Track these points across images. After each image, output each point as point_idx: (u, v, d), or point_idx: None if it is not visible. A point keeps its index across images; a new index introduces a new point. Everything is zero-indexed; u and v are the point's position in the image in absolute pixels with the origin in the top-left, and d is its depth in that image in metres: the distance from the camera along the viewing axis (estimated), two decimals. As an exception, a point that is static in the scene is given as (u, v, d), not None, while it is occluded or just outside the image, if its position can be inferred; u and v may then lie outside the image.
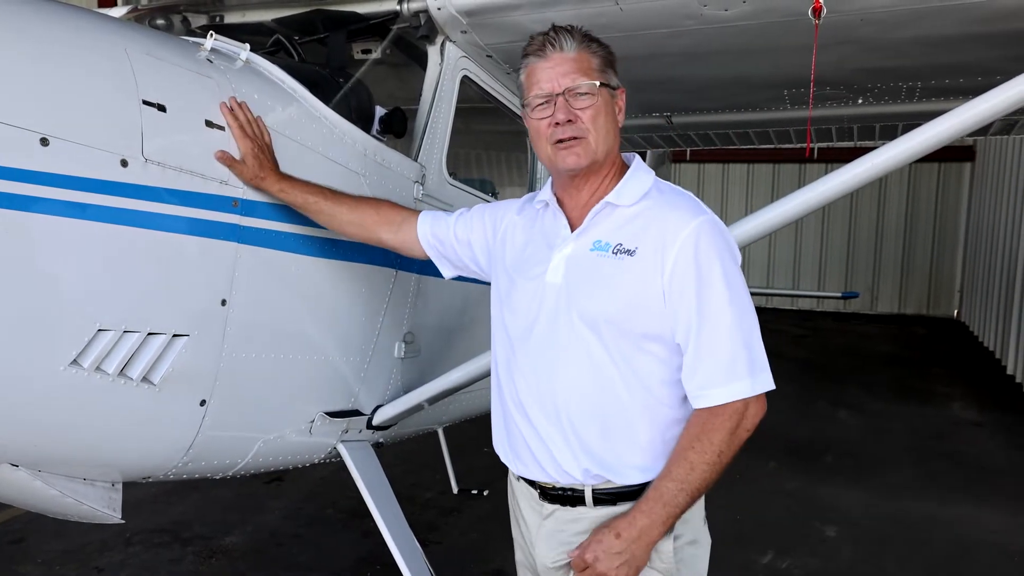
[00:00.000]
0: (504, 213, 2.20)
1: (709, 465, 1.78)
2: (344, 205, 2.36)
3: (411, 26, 2.99)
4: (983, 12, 2.55)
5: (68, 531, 4.70)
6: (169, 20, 3.30)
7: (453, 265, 2.34)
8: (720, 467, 1.79)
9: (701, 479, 1.78)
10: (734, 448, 1.81)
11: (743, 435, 1.81)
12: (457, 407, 3.55)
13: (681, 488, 1.78)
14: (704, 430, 1.80)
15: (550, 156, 1.93)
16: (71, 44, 1.86)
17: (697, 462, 1.78)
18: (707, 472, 1.78)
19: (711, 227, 1.84)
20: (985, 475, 6.53)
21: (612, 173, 1.96)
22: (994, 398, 9.23)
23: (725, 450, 1.79)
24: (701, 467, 1.78)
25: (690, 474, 1.78)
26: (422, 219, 2.35)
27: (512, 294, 2.02)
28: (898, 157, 2.30)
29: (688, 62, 3.05)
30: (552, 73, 1.89)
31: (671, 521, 1.80)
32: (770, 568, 4.69)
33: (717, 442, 1.78)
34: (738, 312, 1.80)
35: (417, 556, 2.75)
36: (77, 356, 1.87)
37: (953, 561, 4.88)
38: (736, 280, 1.83)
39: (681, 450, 1.81)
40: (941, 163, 15.62)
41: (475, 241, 2.24)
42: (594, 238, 1.91)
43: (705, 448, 1.78)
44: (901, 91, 3.60)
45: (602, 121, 1.89)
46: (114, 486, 2.25)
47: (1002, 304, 11.33)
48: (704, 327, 1.79)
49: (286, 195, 2.29)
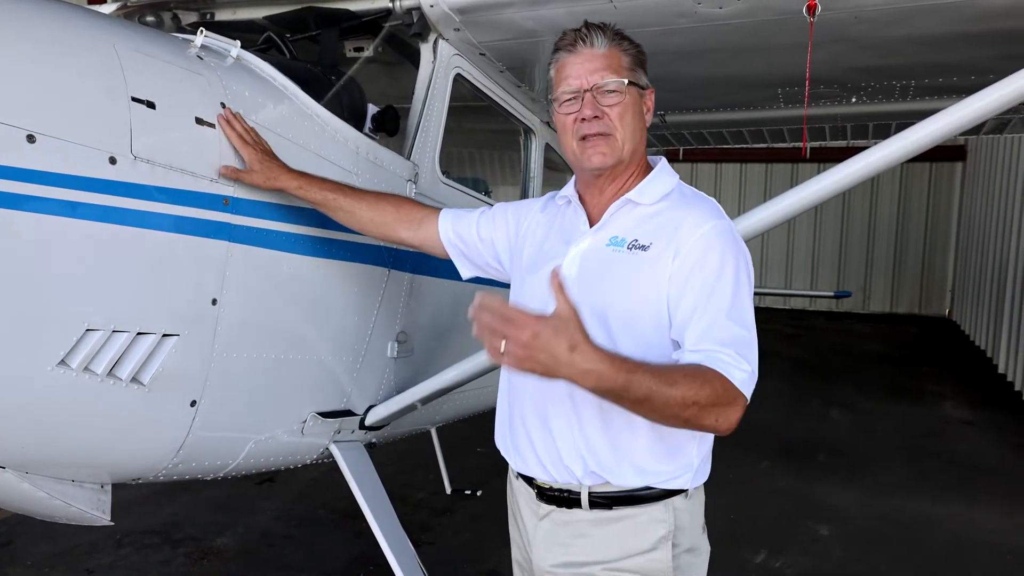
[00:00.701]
0: (528, 211, 2.18)
1: (675, 399, 1.56)
2: (364, 202, 2.34)
3: (404, 24, 2.97)
4: (976, 11, 2.55)
5: (56, 533, 4.66)
6: (159, 17, 3.28)
7: (474, 265, 2.31)
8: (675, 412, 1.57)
9: (657, 394, 1.54)
10: (697, 420, 1.60)
11: (720, 423, 1.63)
12: (450, 407, 3.53)
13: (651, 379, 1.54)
14: (710, 377, 1.61)
15: (575, 152, 1.92)
16: (59, 40, 1.84)
17: (679, 380, 1.57)
18: (665, 399, 1.55)
19: (727, 231, 1.83)
20: (977, 474, 6.55)
21: (637, 173, 1.95)
22: (985, 397, 9.27)
23: (694, 414, 1.58)
24: (672, 393, 1.55)
25: (666, 380, 1.55)
26: (443, 217, 2.32)
27: (527, 288, 2.01)
28: (891, 156, 2.30)
29: (682, 60, 3.05)
30: (581, 69, 1.88)
31: (590, 378, 1.50)
32: (763, 567, 4.70)
33: (708, 393, 1.58)
34: (736, 314, 1.74)
35: (410, 556, 2.74)
36: (65, 356, 1.85)
37: (946, 560, 4.89)
38: (744, 285, 1.78)
39: (677, 367, 1.66)
40: (933, 163, 15.69)
41: (499, 240, 2.22)
42: (611, 233, 1.90)
43: (694, 384, 1.58)
44: (895, 90, 3.61)
45: (629, 119, 1.88)
46: (103, 488, 2.23)
47: (993, 303, 11.39)
48: (709, 311, 1.71)
49: (304, 192, 2.28)
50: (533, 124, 4.02)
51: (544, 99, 3.84)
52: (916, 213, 16.22)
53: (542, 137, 4.11)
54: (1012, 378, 9.78)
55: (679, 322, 1.76)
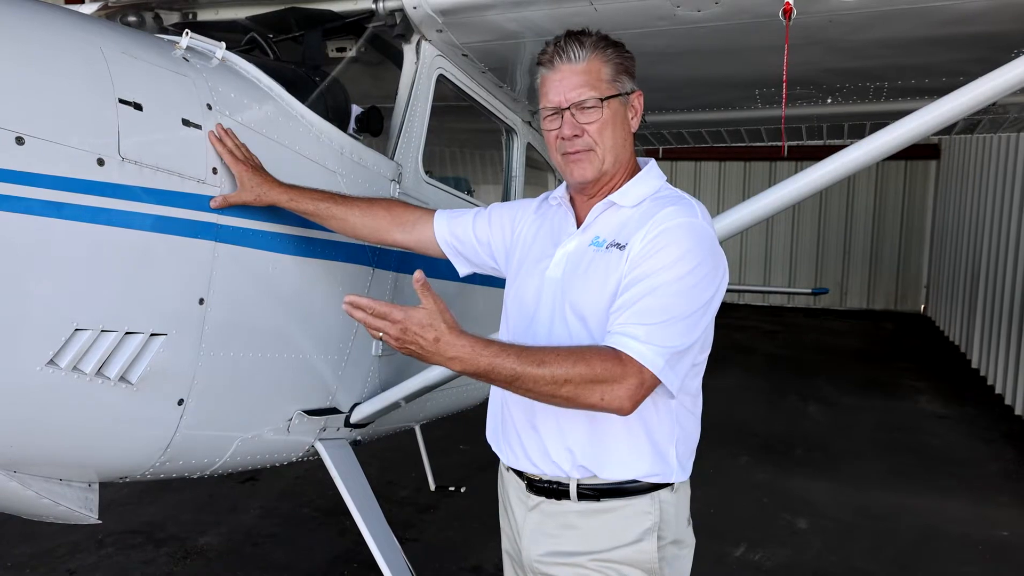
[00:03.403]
0: (523, 212, 2.23)
1: (544, 378, 1.65)
2: (356, 208, 2.38)
3: (387, 25, 2.99)
4: (945, 15, 2.61)
5: (37, 534, 4.65)
6: (141, 17, 3.27)
7: (471, 263, 2.36)
8: (549, 390, 1.66)
9: (524, 374, 1.65)
10: (581, 398, 1.67)
11: (608, 400, 1.68)
12: (434, 405, 3.56)
13: (503, 353, 1.66)
14: (589, 355, 1.68)
15: (560, 165, 1.99)
16: (47, 43, 1.85)
17: (548, 360, 1.66)
18: (533, 378, 1.65)
19: (696, 230, 1.83)
20: (949, 467, 6.67)
21: (623, 177, 1.99)
22: (958, 392, 9.43)
23: (572, 392, 1.66)
24: (537, 369, 1.65)
25: (524, 360, 1.65)
26: (438, 218, 2.36)
27: (517, 288, 2.07)
28: (866, 156, 2.36)
29: (661, 62, 3.09)
30: (559, 87, 1.91)
31: (456, 364, 1.66)
32: (742, 560, 4.77)
33: (580, 373, 1.65)
34: (680, 299, 1.75)
35: (396, 553, 2.76)
36: (54, 356, 1.86)
37: (919, 551, 4.99)
38: (698, 284, 1.77)
39: (548, 348, 1.71)
40: (908, 161, 15.89)
41: (495, 241, 2.26)
42: (595, 234, 1.95)
43: (565, 363, 1.65)
44: (869, 91, 3.67)
45: (609, 133, 1.92)
46: (91, 486, 2.25)
47: (966, 299, 11.56)
48: (644, 293, 1.75)
49: (296, 204, 2.31)
50: (515, 124, 4.05)
51: (526, 99, 3.88)
52: (892, 211, 16.42)
53: (524, 136, 4.14)
54: (984, 373, 9.95)
55: (621, 291, 1.79)
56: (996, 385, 9.17)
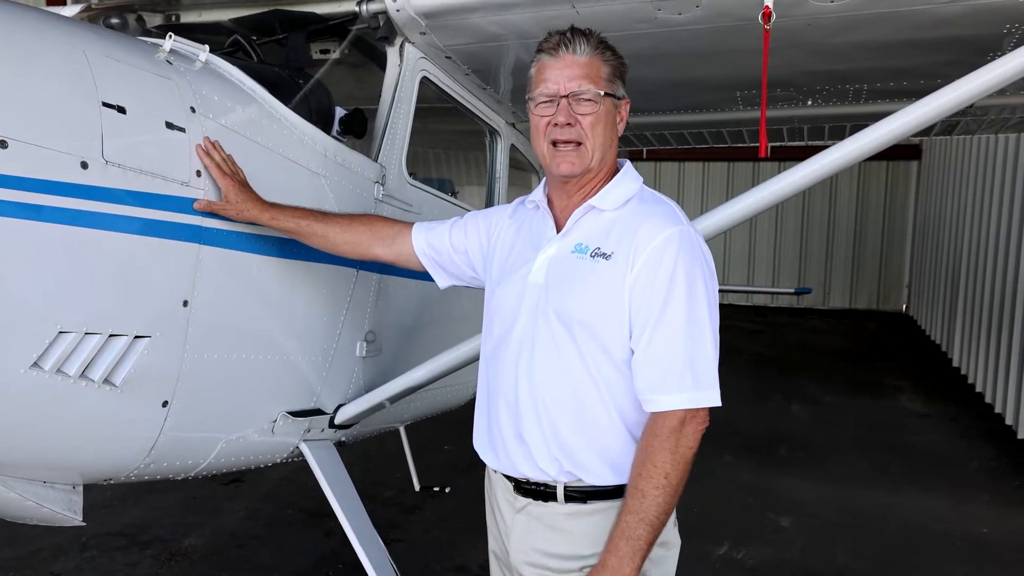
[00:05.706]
0: (499, 218, 2.23)
1: (659, 489, 1.79)
2: (336, 225, 2.40)
3: (370, 27, 2.99)
4: (922, 19, 2.65)
5: (21, 537, 4.61)
6: (124, 19, 3.27)
7: (450, 274, 2.37)
8: (671, 488, 1.80)
9: (655, 504, 1.80)
10: (680, 466, 1.82)
11: (686, 452, 1.82)
12: (418, 405, 3.57)
13: (640, 519, 1.80)
14: (647, 454, 1.82)
15: (546, 156, 1.98)
16: (30, 47, 1.85)
17: (647, 489, 1.80)
18: (659, 496, 1.79)
19: (684, 238, 1.87)
20: (931, 465, 6.75)
21: (604, 179, 2.00)
22: (940, 390, 9.52)
23: (671, 471, 1.80)
24: (652, 493, 1.80)
25: (642, 502, 1.80)
26: (416, 231, 2.38)
27: (498, 294, 2.07)
28: (847, 157, 2.39)
29: (643, 64, 3.09)
30: (560, 75, 1.92)
31: (639, 555, 1.80)
32: (726, 558, 4.81)
33: (660, 464, 1.80)
34: (693, 324, 1.83)
35: (381, 554, 2.77)
36: (38, 358, 1.86)
37: (901, 548, 5.04)
38: (699, 293, 1.85)
39: (632, 480, 1.84)
40: (890, 161, 16.02)
41: (471, 250, 2.27)
42: (576, 240, 1.96)
43: (651, 473, 1.80)
44: (848, 93, 3.71)
45: (600, 130, 1.93)
46: (75, 488, 2.25)
47: (947, 299, 11.68)
48: (657, 333, 1.83)
49: (277, 223, 2.33)
50: (498, 126, 4.07)
51: (509, 101, 3.89)
52: (874, 211, 16.57)
53: (507, 138, 4.16)
54: (965, 371, 10.05)
55: (636, 333, 1.86)
56: (977, 384, 9.27)
